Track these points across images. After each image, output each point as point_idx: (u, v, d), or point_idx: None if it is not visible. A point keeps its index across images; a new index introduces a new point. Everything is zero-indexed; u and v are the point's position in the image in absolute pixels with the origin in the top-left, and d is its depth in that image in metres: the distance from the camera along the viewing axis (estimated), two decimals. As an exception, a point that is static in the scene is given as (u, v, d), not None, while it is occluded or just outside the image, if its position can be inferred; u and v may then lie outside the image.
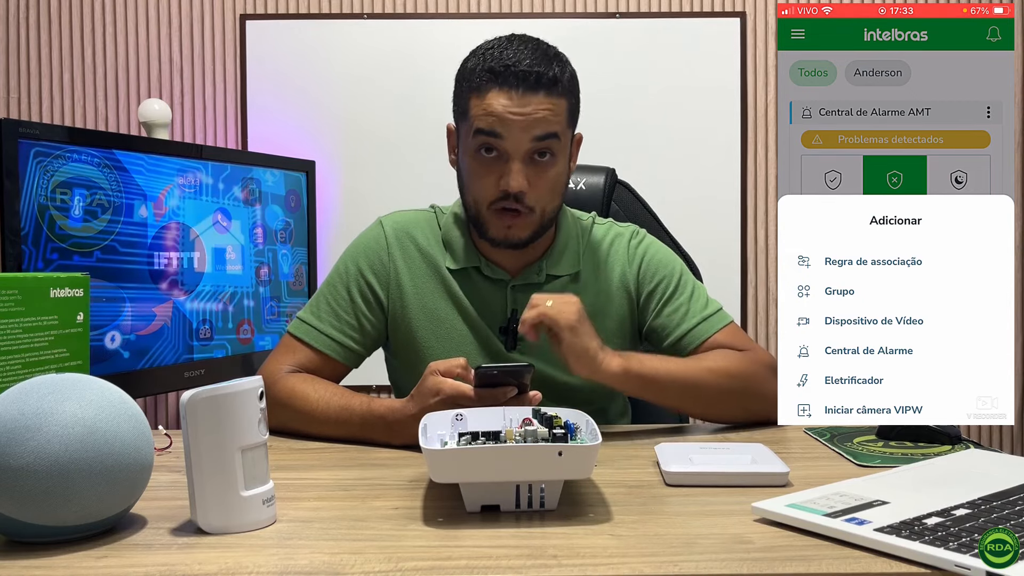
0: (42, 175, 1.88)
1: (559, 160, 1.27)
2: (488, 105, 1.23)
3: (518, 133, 1.22)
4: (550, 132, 1.24)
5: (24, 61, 2.80)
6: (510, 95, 1.22)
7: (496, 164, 1.25)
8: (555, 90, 1.24)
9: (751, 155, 2.81)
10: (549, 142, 1.24)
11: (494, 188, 1.25)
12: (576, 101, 1.30)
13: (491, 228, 1.29)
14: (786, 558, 0.73)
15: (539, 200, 1.26)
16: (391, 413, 1.15)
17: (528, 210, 1.26)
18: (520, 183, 1.23)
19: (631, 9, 2.80)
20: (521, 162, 1.23)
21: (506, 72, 1.22)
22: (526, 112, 1.22)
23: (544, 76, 1.22)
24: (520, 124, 1.22)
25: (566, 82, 1.26)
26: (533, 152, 1.24)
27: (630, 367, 1.19)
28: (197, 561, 0.74)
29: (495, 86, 1.23)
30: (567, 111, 1.27)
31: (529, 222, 1.27)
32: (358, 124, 2.79)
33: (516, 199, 1.24)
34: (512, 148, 1.23)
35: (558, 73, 1.24)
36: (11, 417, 0.75)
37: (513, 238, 1.29)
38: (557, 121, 1.24)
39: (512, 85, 1.22)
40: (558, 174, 1.28)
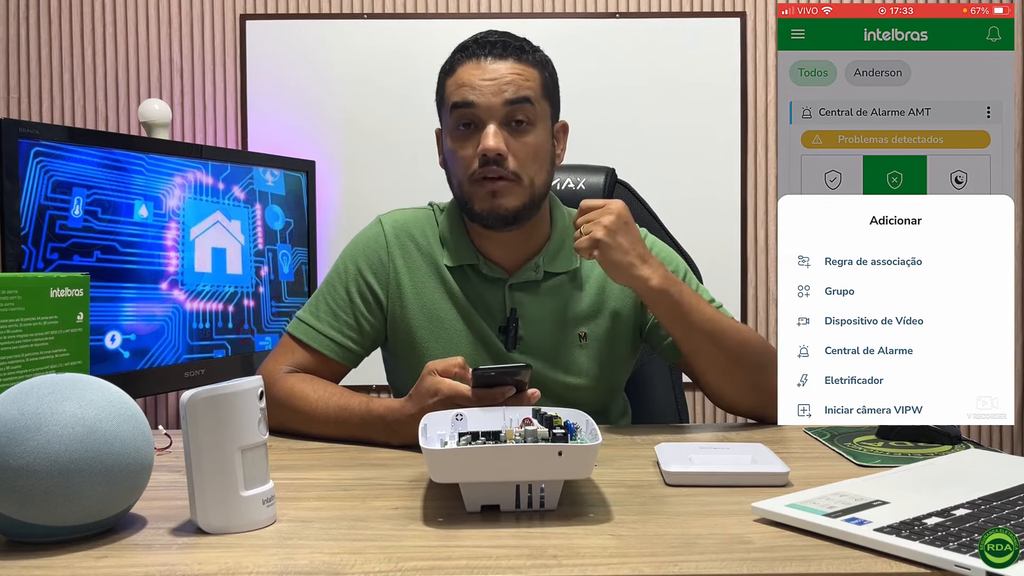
0: (42, 175, 1.88)
1: (538, 129, 1.28)
2: (459, 78, 1.27)
3: (489, 96, 1.25)
4: (521, 96, 1.25)
5: (24, 61, 2.80)
6: (479, 63, 1.27)
7: (473, 135, 1.27)
8: (524, 58, 1.28)
9: (751, 155, 2.81)
10: (522, 106, 1.26)
11: (473, 157, 1.26)
12: (551, 78, 1.33)
13: (476, 200, 1.28)
14: (786, 558, 0.73)
15: (522, 168, 1.26)
16: (390, 413, 1.15)
17: (513, 177, 1.26)
18: (497, 143, 1.24)
19: (631, 9, 2.80)
20: (496, 125, 1.25)
21: (474, 45, 1.28)
22: (495, 77, 1.25)
23: (511, 44, 1.28)
24: (490, 88, 1.25)
25: (536, 57, 1.30)
26: (508, 118, 1.25)
27: (668, 289, 1.21)
28: (197, 561, 0.74)
29: (464, 59, 1.28)
30: (540, 82, 1.29)
31: (515, 190, 1.26)
32: (358, 124, 2.79)
33: (496, 163, 1.24)
34: (485, 113, 1.25)
35: (526, 47, 1.30)
36: (11, 417, 0.75)
37: (500, 208, 1.27)
38: (529, 86, 1.27)
39: (480, 55, 1.27)
40: (538, 142, 1.28)
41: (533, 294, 1.33)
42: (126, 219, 2.08)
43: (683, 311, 1.23)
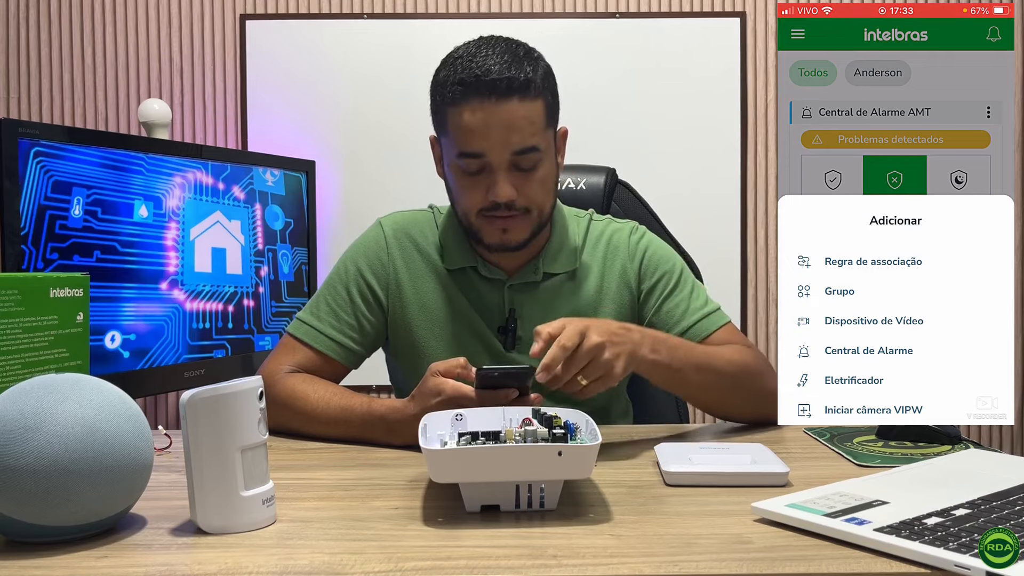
0: (42, 175, 1.88)
1: (544, 164, 1.26)
2: (465, 121, 1.22)
3: (497, 145, 1.21)
4: (529, 146, 1.22)
5: (24, 61, 2.80)
6: (484, 106, 1.20)
7: (481, 177, 1.24)
8: (529, 93, 1.22)
9: (751, 155, 2.81)
10: (530, 155, 1.23)
11: (482, 199, 1.25)
12: (553, 97, 1.28)
13: (485, 235, 1.28)
14: (786, 558, 0.73)
15: (531, 201, 1.26)
16: (392, 413, 1.15)
17: (523, 212, 1.26)
18: (508, 192, 1.23)
19: (631, 9, 2.80)
20: (506, 171, 1.23)
21: (477, 83, 1.20)
22: (502, 122, 1.21)
23: (516, 81, 1.21)
24: (498, 135, 1.21)
25: (539, 81, 1.24)
26: (516, 164, 1.23)
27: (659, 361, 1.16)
28: (197, 561, 0.74)
29: (468, 97, 1.21)
30: (544, 112, 1.25)
31: (524, 223, 1.27)
32: (358, 124, 2.79)
33: (507, 207, 1.24)
34: (495, 161, 1.22)
35: (530, 73, 1.22)
36: (11, 417, 0.75)
37: (511, 242, 1.28)
38: (534, 131, 1.23)
39: (484, 95, 1.20)
40: (546, 175, 1.27)
41: (532, 294, 1.33)
42: (126, 219, 2.08)
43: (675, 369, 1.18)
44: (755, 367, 1.27)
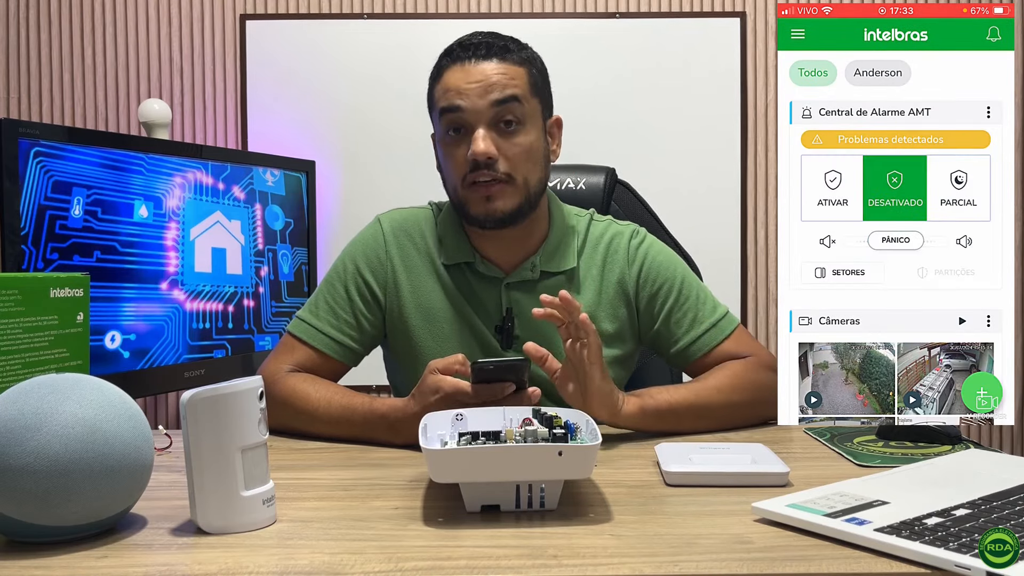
0: (42, 175, 1.88)
1: (528, 128, 1.27)
2: (445, 83, 1.27)
3: (475, 99, 1.24)
4: (508, 95, 1.25)
5: (24, 61, 2.80)
6: (463, 66, 1.26)
7: (463, 140, 1.26)
8: (508, 57, 1.27)
9: (751, 155, 2.81)
10: (510, 106, 1.25)
11: (464, 162, 1.26)
12: (539, 74, 1.32)
13: (472, 205, 1.28)
14: (786, 558, 0.73)
15: (515, 168, 1.26)
16: (393, 412, 1.15)
17: (506, 178, 1.25)
18: (486, 146, 1.23)
19: (631, 9, 2.80)
20: (485, 128, 1.24)
21: (459, 48, 1.28)
22: (480, 78, 1.25)
23: (494, 45, 1.27)
24: (476, 90, 1.24)
25: (522, 55, 1.29)
26: (497, 119, 1.25)
27: (645, 406, 1.18)
28: (197, 561, 0.74)
29: (449, 64, 1.28)
30: (528, 79, 1.28)
31: (509, 192, 1.26)
32: (358, 124, 2.79)
33: (488, 167, 1.24)
34: (473, 117, 1.24)
35: (511, 46, 1.29)
36: (11, 417, 0.75)
37: (496, 212, 1.27)
38: (515, 85, 1.26)
39: (464, 58, 1.27)
40: (530, 142, 1.27)
41: (529, 293, 1.33)
42: (126, 219, 2.08)
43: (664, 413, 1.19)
44: (746, 382, 1.27)
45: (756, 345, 1.36)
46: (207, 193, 2.30)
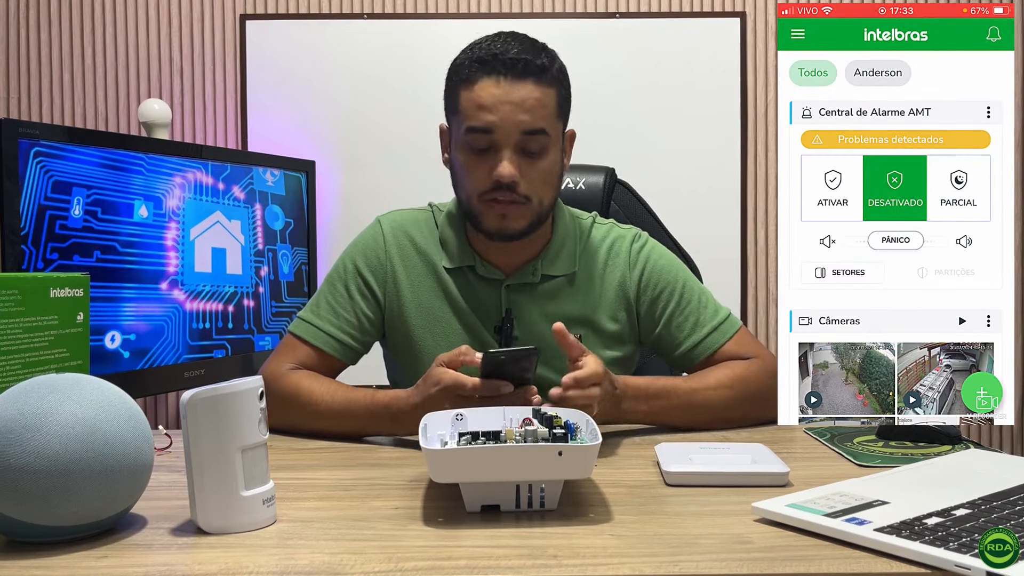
0: (42, 175, 1.88)
1: (550, 153, 1.27)
2: (477, 96, 1.24)
3: (508, 123, 1.23)
4: (538, 128, 1.24)
5: (24, 61, 2.80)
6: (498, 83, 1.23)
7: (487, 156, 1.25)
8: (544, 78, 1.25)
9: (751, 155, 2.81)
10: (538, 138, 1.24)
11: (486, 179, 1.25)
12: (566, 92, 1.31)
13: (485, 219, 1.28)
14: (786, 558, 0.73)
15: (533, 190, 1.26)
16: (396, 402, 1.16)
17: (523, 199, 1.26)
18: (511, 171, 1.23)
19: (631, 9, 2.80)
20: (512, 151, 1.24)
21: (494, 60, 1.23)
22: (515, 100, 1.22)
23: (532, 64, 1.24)
24: (509, 113, 1.22)
25: (555, 72, 1.27)
26: (523, 145, 1.24)
27: (638, 385, 1.22)
28: (197, 561, 0.74)
29: (483, 75, 1.24)
30: (556, 102, 1.27)
31: (524, 212, 1.27)
32: (358, 124, 2.79)
33: (509, 188, 1.24)
34: (502, 139, 1.23)
35: (547, 62, 1.26)
36: (11, 417, 0.75)
37: (509, 229, 1.28)
38: (545, 115, 1.25)
39: (500, 72, 1.23)
40: (550, 165, 1.28)
41: (529, 295, 1.33)
42: (126, 219, 2.08)
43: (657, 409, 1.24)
44: (743, 379, 1.28)
45: (759, 347, 1.36)
46: (207, 193, 2.30)
